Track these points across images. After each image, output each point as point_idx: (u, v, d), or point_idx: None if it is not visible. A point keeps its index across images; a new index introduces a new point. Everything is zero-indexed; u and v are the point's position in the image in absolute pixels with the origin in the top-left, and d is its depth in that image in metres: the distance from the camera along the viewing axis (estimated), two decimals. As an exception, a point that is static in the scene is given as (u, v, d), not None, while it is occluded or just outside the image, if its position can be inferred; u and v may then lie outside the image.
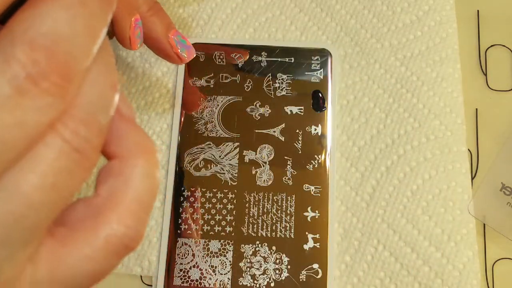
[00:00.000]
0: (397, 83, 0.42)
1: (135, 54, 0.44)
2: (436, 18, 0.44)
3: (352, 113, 0.42)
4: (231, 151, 0.41)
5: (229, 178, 0.40)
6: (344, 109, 0.42)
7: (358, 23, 0.44)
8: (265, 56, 0.43)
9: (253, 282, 0.38)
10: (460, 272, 0.38)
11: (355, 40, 0.44)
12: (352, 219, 0.39)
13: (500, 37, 0.45)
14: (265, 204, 0.40)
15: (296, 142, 0.41)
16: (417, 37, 0.44)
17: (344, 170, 0.41)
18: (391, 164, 0.40)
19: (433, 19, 0.44)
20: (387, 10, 0.44)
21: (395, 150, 0.41)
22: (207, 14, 0.45)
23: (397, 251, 0.38)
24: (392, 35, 0.44)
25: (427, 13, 0.44)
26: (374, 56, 0.43)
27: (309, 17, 0.45)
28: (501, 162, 0.41)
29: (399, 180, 0.40)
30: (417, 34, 0.44)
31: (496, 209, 0.39)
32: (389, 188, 0.40)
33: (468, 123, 0.42)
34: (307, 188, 0.40)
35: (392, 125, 0.41)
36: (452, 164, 0.40)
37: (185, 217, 0.39)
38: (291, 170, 0.40)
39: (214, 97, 0.42)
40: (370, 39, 0.44)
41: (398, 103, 0.42)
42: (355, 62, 0.43)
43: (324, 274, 0.38)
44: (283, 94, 0.42)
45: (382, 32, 0.44)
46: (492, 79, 0.43)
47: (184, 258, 0.39)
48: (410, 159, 0.40)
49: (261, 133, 0.41)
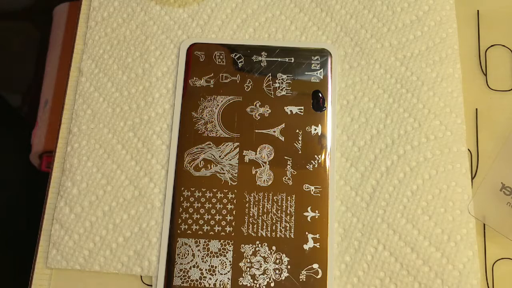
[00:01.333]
0: (397, 83, 0.42)
1: (135, 54, 0.44)
2: (436, 18, 0.44)
3: (352, 113, 0.42)
4: (231, 151, 0.41)
5: (229, 178, 0.40)
6: (344, 109, 0.42)
7: (358, 23, 0.44)
8: (265, 56, 0.43)
9: (253, 282, 0.38)
10: (460, 272, 0.38)
11: (355, 40, 0.44)
12: (352, 219, 0.39)
13: (500, 37, 0.45)
14: (265, 204, 0.40)
15: (296, 142, 0.41)
16: (417, 37, 0.44)
17: (344, 170, 0.41)
18: (391, 164, 0.40)
19: (433, 19, 0.44)
20: (387, 10, 0.44)
21: (395, 150, 0.41)
22: (207, 14, 0.45)
23: (397, 251, 0.38)
24: (392, 35, 0.44)
25: (427, 13, 0.44)
26: (374, 56, 0.43)
27: (309, 17, 0.45)
28: (501, 162, 0.41)
29: (399, 180, 0.40)
30: (417, 34, 0.44)
31: (496, 209, 0.39)
32: (389, 188, 0.40)
33: (468, 123, 0.42)
34: (307, 188, 0.40)
35: (392, 125, 0.41)
36: (452, 164, 0.40)
37: (185, 217, 0.39)
38: (291, 170, 0.40)
39: (214, 97, 0.42)
40: (370, 39, 0.44)
41: (398, 103, 0.42)
42: (355, 62, 0.43)
43: (324, 274, 0.38)
44: (283, 94, 0.42)
45: (382, 32, 0.44)
46: (492, 79, 0.43)
47: (184, 258, 0.39)
48: (410, 159, 0.40)
49: (261, 133, 0.41)
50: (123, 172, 0.41)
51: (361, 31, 0.44)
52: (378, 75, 0.43)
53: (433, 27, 0.44)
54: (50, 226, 0.40)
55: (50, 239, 0.40)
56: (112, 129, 0.42)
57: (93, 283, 0.39)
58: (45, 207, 0.41)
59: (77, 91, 0.43)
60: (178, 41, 0.44)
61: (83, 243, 0.39)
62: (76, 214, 0.40)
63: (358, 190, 0.40)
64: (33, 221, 0.49)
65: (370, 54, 0.43)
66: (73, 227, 0.40)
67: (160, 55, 0.44)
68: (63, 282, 0.39)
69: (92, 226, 0.40)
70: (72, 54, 0.45)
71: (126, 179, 0.41)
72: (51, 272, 0.40)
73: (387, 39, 0.44)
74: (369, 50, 0.43)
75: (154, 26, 0.45)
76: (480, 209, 0.39)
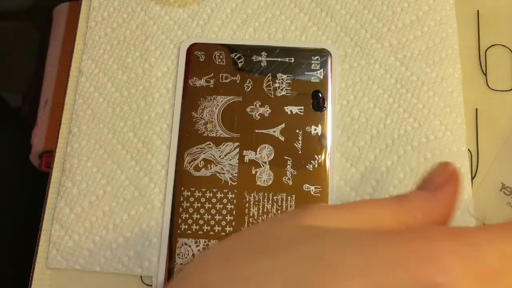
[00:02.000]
0: (397, 83, 0.42)
1: (135, 54, 0.44)
2: (436, 18, 0.44)
3: (352, 113, 0.42)
4: (231, 151, 0.41)
5: (229, 178, 0.40)
6: (344, 109, 0.42)
7: (358, 23, 0.44)
8: (265, 56, 0.43)
9: (253, 282, 0.38)
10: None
11: (355, 40, 0.44)
12: (352, 219, 0.39)
13: (500, 37, 0.45)
14: (265, 204, 0.40)
15: (296, 142, 0.41)
16: (417, 37, 0.43)
17: (344, 170, 0.41)
18: (391, 164, 0.40)
19: (433, 19, 0.44)
20: (387, 10, 0.44)
21: (395, 150, 0.41)
22: (207, 14, 0.45)
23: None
24: (392, 35, 0.44)
25: (427, 13, 0.44)
26: (374, 56, 0.43)
27: (309, 17, 0.45)
28: (501, 162, 0.41)
29: (399, 180, 0.40)
30: (417, 34, 0.44)
31: (496, 209, 0.39)
32: (389, 188, 0.40)
33: (468, 123, 0.42)
34: (307, 188, 0.40)
35: (392, 125, 0.41)
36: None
37: (185, 217, 0.39)
38: (291, 170, 0.40)
39: (214, 97, 0.42)
40: (370, 39, 0.44)
41: (398, 103, 0.42)
42: (355, 62, 0.43)
43: (324, 274, 0.38)
44: (283, 94, 0.42)
45: (382, 32, 0.44)
46: (492, 79, 0.43)
47: (184, 258, 0.39)
48: (410, 159, 0.40)
49: (261, 133, 0.41)
50: (123, 172, 0.41)
51: (361, 31, 0.44)
52: (378, 75, 0.43)
53: (433, 27, 0.44)
54: (50, 226, 0.40)
55: (50, 239, 0.40)
56: (112, 129, 0.42)
57: (93, 283, 0.39)
58: (45, 207, 0.41)
59: (77, 91, 0.43)
60: (178, 41, 0.44)
61: (83, 243, 0.39)
62: (76, 214, 0.40)
63: (358, 191, 0.40)
64: (33, 221, 0.49)
65: (370, 54, 0.43)
66: (73, 227, 0.40)
67: (160, 55, 0.44)
68: (63, 282, 0.39)
69: (92, 226, 0.40)
70: (72, 54, 0.45)
71: (126, 179, 0.41)
72: (51, 272, 0.40)
73: (387, 39, 0.44)
74: (369, 50, 0.43)
75: (154, 26, 0.45)
76: (479, 209, 0.39)
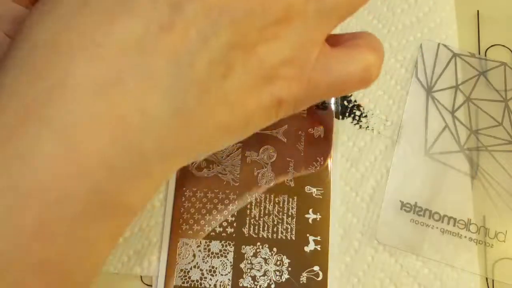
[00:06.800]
0: (397, 84, 0.42)
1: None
2: (436, 19, 0.44)
3: (352, 113, 0.42)
4: (233, 152, 0.41)
5: (231, 179, 0.40)
6: (345, 110, 0.42)
7: (358, 24, 0.44)
8: (266, 56, 0.43)
9: (254, 283, 0.38)
10: (459, 273, 0.38)
11: (356, 41, 0.44)
12: (352, 220, 0.39)
13: (500, 37, 0.45)
14: (267, 206, 0.40)
15: (298, 143, 0.41)
16: (417, 38, 0.44)
17: (344, 171, 0.41)
18: (390, 165, 0.41)
19: (433, 20, 0.44)
20: (387, 11, 0.44)
21: (395, 151, 0.41)
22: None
23: (397, 252, 0.39)
24: (392, 36, 0.44)
25: (427, 15, 0.44)
26: (375, 57, 0.43)
27: (310, 18, 0.44)
28: (393, 180, 0.40)
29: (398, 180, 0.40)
30: (417, 36, 0.44)
31: (402, 229, 0.39)
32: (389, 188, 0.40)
33: (468, 125, 0.42)
34: (309, 190, 0.40)
35: (392, 127, 0.41)
36: (452, 165, 0.40)
37: (186, 217, 0.39)
38: (293, 171, 0.40)
39: (215, 97, 0.42)
40: (370, 40, 0.44)
41: (398, 105, 0.42)
42: (356, 63, 0.43)
43: (325, 276, 0.38)
44: (284, 94, 0.42)
45: (382, 34, 0.44)
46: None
47: (185, 258, 0.39)
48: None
49: (263, 134, 0.41)
50: (123, 172, 0.41)
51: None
52: (378, 76, 0.43)
53: (433, 28, 0.44)
54: (50, 226, 0.40)
55: (49, 239, 0.40)
56: (112, 128, 0.42)
57: (93, 283, 0.39)
58: (44, 206, 0.41)
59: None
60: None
61: (83, 243, 0.39)
62: (76, 214, 0.40)
63: (358, 191, 0.40)
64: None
65: (370, 55, 0.43)
66: (73, 227, 0.39)
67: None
68: (63, 282, 0.39)
69: (92, 226, 0.39)
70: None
71: (126, 179, 0.41)
72: (51, 272, 0.39)
73: (387, 40, 0.44)
74: (370, 51, 0.43)
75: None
76: (387, 235, 0.39)
